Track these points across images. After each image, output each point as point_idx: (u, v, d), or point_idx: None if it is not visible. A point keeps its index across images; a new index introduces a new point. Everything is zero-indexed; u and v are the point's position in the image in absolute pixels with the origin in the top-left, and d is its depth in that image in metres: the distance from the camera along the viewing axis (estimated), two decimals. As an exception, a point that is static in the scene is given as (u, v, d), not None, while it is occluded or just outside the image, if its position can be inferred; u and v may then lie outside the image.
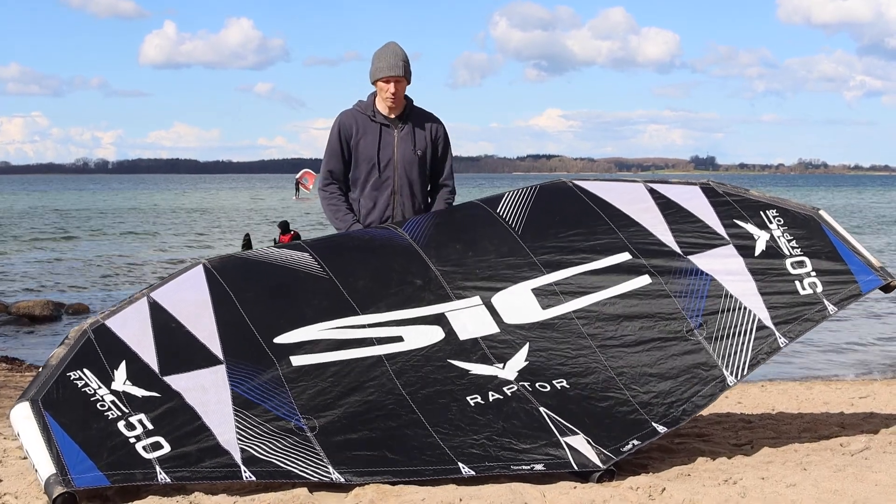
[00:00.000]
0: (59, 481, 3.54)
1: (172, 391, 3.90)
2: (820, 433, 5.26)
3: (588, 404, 4.25)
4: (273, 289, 4.40)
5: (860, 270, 4.77)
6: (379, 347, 4.28)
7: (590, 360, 4.41)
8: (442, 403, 4.13)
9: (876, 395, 8.06)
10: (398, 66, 4.88)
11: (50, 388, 3.81)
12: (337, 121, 5.03)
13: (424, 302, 4.48)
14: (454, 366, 4.30)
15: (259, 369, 4.05)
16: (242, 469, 3.72)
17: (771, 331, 4.54)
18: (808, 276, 4.74)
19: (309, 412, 3.98)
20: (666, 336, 4.52)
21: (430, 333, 4.38)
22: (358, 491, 3.82)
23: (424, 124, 5.04)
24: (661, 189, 5.08)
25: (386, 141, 4.95)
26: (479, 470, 3.91)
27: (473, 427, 4.06)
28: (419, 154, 4.99)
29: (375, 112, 4.98)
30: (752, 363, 4.45)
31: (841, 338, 12.89)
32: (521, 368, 4.33)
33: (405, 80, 4.93)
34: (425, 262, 4.63)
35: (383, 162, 4.94)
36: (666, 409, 4.29)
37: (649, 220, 4.91)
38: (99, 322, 4.09)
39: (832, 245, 4.85)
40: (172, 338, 4.08)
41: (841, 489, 3.75)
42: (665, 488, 3.80)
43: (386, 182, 4.97)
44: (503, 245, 4.77)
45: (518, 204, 4.98)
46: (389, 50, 4.94)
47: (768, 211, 4.97)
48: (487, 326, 4.47)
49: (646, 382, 4.37)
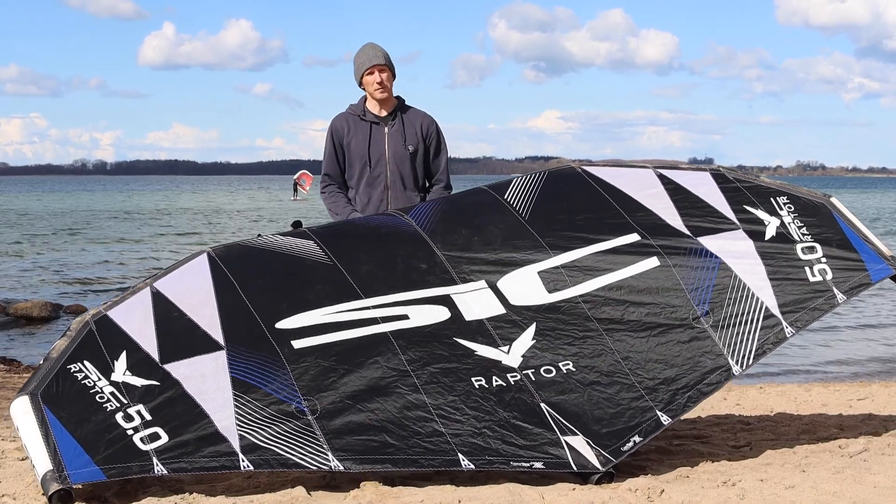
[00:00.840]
0: (55, 478, 3.54)
1: (172, 379, 3.90)
2: (819, 435, 5.26)
3: (593, 391, 4.24)
4: (276, 276, 4.40)
5: (871, 259, 4.74)
6: (384, 325, 4.27)
7: (596, 343, 4.40)
8: (446, 383, 4.12)
9: (874, 397, 8.06)
10: (378, 55, 5.04)
11: (50, 382, 3.82)
12: (330, 126, 5.18)
13: (429, 285, 4.48)
14: (460, 344, 4.28)
15: (260, 354, 4.05)
16: (240, 458, 3.71)
17: (778, 320, 4.51)
18: (819, 262, 4.71)
19: (310, 393, 3.96)
20: (672, 322, 4.50)
21: (436, 312, 4.38)
22: (356, 492, 3.82)
23: (415, 121, 5.13)
24: (670, 175, 5.07)
25: (376, 138, 5.06)
26: (479, 464, 3.90)
27: (476, 413, 4.05)
28: (410, 150, 5.07)
29: (366, 111, 5.11)
30: (758, 353, 4.43)
31: (843, 337, 12.91)
32: (526, 351, 4.32)
33: (388, 69, 5.04)
34: (431, 247, 4.63)
35: (374, 158, 5.05)
36: (671, 395, 4.27)
37: (658, 205, 4.90)
38: (101, 313, 4.10)
39: (843, 233, 4.83)
40: (174, 326, 4.09)
41: (839, 491, 3.75)
42: (664, 490, 3.81)
43: (378, 178, 5.06)
44: (509, 230, 4.76)
45: (526, 190, 4.97)
46: (367, 46, 5.11)
47: (779, 197, 4.95)
48: (493, 308, 4.45)
49: (651, 368, 4.35)
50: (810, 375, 10.76)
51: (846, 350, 12.30)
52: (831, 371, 11.06)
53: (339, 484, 3.97)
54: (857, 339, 13.11)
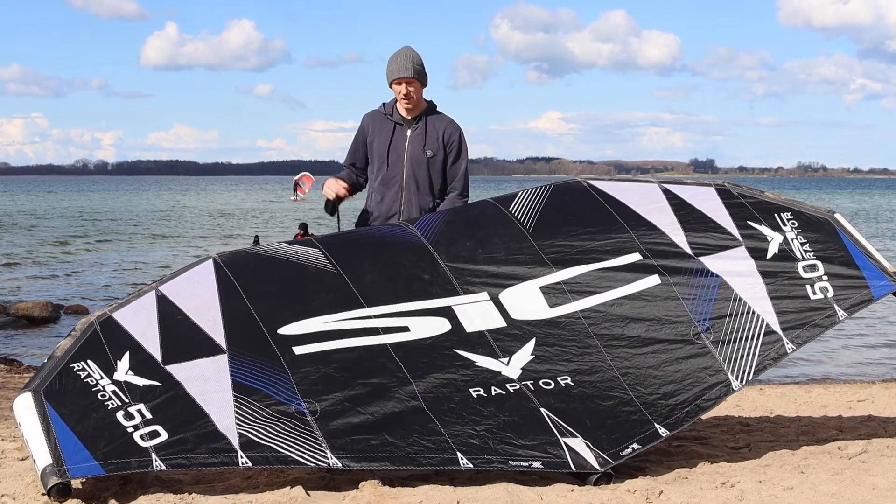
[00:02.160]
0: (54, 472, 3.57)
1: (173, 380, 3.92)
2: (818, 436, 5.26)
3: (591, 403, 4.25)
4: (280, 282, 4.42)
5: (873, 276, 4.75)
6: (385, 336, 4.30)
7: (595, 359, 4.42)
8: (445, 392, 4.14)
9: (874, 399, 8.06)
10: (407, 67, 5.03)
11: (53, 379, 3.86)
12: (361, 121, 5.26)
13: (431, 295, 4.50)
14: (460, 355, 4.31)
15: (261, 358, 4.07)
16: (239, 454, 3.72)
17: (779, 336, 4.53)
18: (820, 280, 4.73)
19: (310, 396, 3.98)
20: (672, 338, 4.51)
21: (437, 324, 4.40)
22: (355, 493, 3.82)
23: (439, 127, 5.15)
24: (675, 190, 5.08)
25: (398, 139, 5.11)
26: (478, 463, 3.91)
27: (475, 417, 4.06)
28: (428, 155, 5.09)
29: (393, 112, 5.16)
30: (759, 368, 4.45)
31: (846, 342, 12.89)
32: (525, 364, 4.33)
33: (416, 80, 5.06)
34: (434, 258, 4.66)
35: (392, 159, 5.09)
36: (670, 410, 4.29)
37: (662, 220, 4.91)
38: (106, 314, 4.14)
39: (846, 249, 4.84)
40: (177, 328, 4.12)
41: (838, 492, 3.76)
42: (663, 491, 3.81)
43: (394, 178, 5.09)
44: (513, 242, 4.78)
45: (531, 203, 4.99)
46: (401, 53, 5.10)
47: (783, 213, 4.96)
48: (494, 321, 4.48)
49: (651, 384, 4.36)
50: (810, 377, 10.76)
51: (848, 351, 12.29)
52: (832, 372, 11.05)
53: (338, 485, 3.98)
54: (858, 340, 13.10)
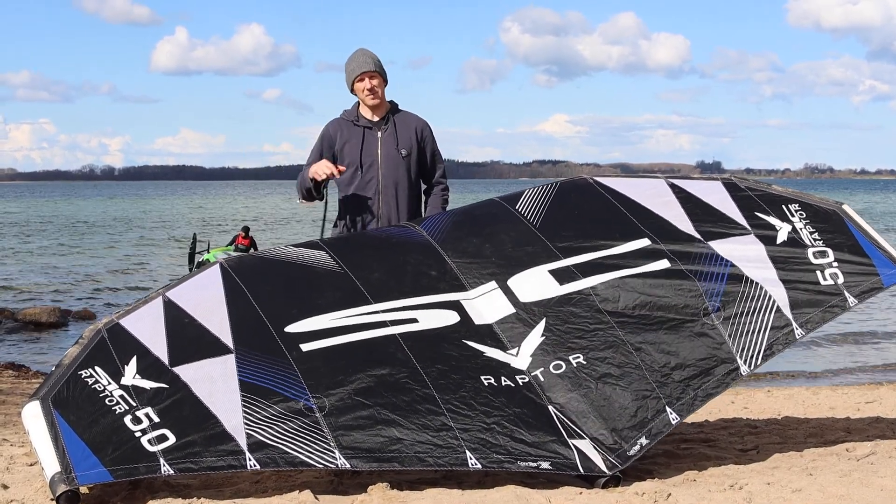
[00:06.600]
0: (63, 479, 3.58)
1: (181, 382, 3.93)
2: (826, 438, 5.25)
3: (604, 384, 4.24)
4: (287, 283, 4.44)
5: (883, 264, 4.74)
6: (393, 328, 4.30)
7: (608, 335, 4.41)
8: (455, 380, 4.13)
9: (882, 400, 8.04)
10: (368, 62, 5.02)
11: (61, 387, 3.87)
12: (322, 130, 5.17)
13: (439, 290, 4.51)
14: (469, 346, 4.31)
15: (268, 357, 4.07)
16: (247, 456, 3.72)
17: (788, 321, 4.51)
18: (830, 266, 4.71)
19: (318, 391, 3.98)
20: (683, 318, 4.49)
21: (445, 316, 4.41)
22: (364, 497, 3.83)
23: (408, 125, 5.12)
24: (682, 184, 5.08)
25: (369, 143, 5.04)
26: (487, 463, 3.91)
27: (485, 409, 4.06)
28: (403, 154, 5.05)
29: (359, 117, 5.09)
30: (767, 353, 4.43)
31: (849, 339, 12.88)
32: (535, 349, 4.33)
33: (379, 75, 5.03)
34: (441, 256, 4.67)
35: (366, 163, 5.02)
36: (681, 391, 4.27)
37: (669, 213, 4.91)
38: (113, 321, 4.17)
39: (854, 239, 4.83)
40: (184, 331, 4.13)
41: (847, 494, 3.75)
42: (671, 494, 3.80)
43: (369, 182, 5.02)
44: (520, 237, 4.79)
45: (537, 200, 5.00)
46: (358, 53, 5.11)
47: (790, 205, 4.96)
48: (503, 309, 4.48)
49: (664, 363, 4.35)
50: (818, 379, 10.75)
51: (854, 352, 12.28)
52: (840, 374, 11.04)
53: (347, 489, 3.98)
54: (864, 342, 13.08)
